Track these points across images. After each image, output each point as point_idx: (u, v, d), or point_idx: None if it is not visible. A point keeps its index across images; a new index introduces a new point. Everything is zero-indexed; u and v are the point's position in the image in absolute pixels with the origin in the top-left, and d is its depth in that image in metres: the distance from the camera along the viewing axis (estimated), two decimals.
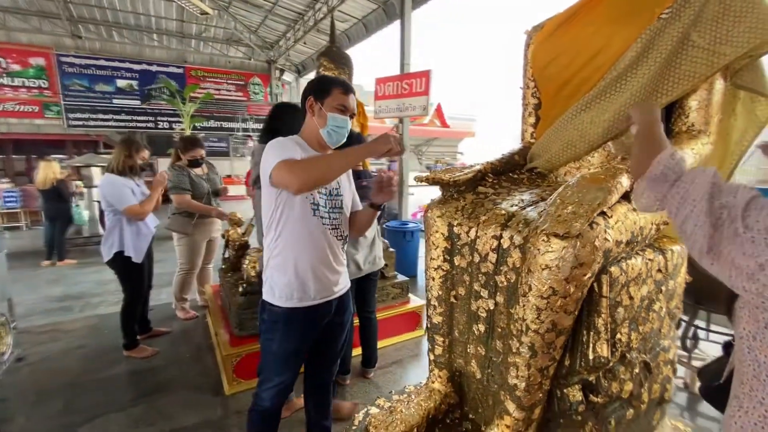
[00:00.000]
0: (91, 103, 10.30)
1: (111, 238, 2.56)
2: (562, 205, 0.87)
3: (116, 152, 2.59)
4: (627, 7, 1.14)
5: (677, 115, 1.14)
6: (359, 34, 8.47)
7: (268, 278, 1.38)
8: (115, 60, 10.40)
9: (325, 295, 1.42)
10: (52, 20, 9.47)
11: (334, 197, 1.40)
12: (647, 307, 1.08)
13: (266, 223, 1.34)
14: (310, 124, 1.39)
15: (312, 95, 1.38)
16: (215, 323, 2.86)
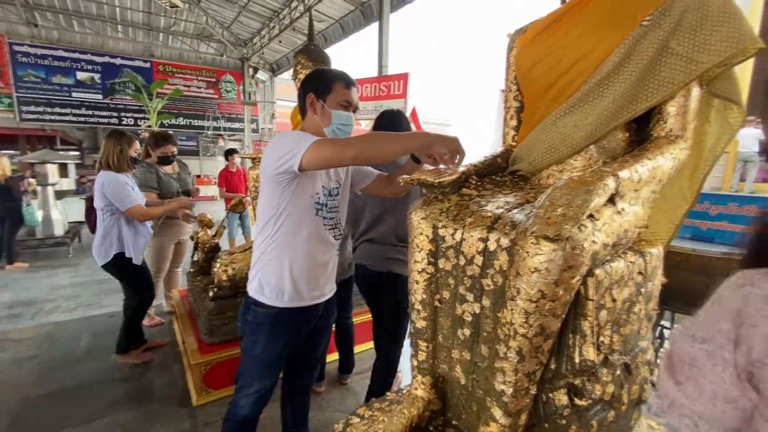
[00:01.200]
0: (47, 96, 9.68)
1: (108, 239, 2.41)
2: (551, 207, 0.86)
3: (108, 147, 2.42)
4: (610, 14, 1.16)
5: (656, 120, 1.16)
6: (336, 35, 8.43)
7: (257, 275, 1.33)
8: (75, 51, 9.83)
9: (317, 296, 1.38)
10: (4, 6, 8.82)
11: (334, 197, 1.37)
12: (628, 309, 1.09)
13: (265, 219, 1.28)
14: (312, 122, 1.34)
15: (313, 92, 1.32)
16: (183, 330, 2.72)
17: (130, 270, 2.54)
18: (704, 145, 1.22)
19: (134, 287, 2.60)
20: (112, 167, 2.40)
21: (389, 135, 1.13)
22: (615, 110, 1.14)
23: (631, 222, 1.01)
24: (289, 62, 11.09)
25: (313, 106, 1.32)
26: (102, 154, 2.41)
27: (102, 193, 2.37)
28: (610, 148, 1.19)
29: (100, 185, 2.37)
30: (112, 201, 2.37)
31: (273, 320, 1.33)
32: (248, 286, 1.38)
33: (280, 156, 1.17)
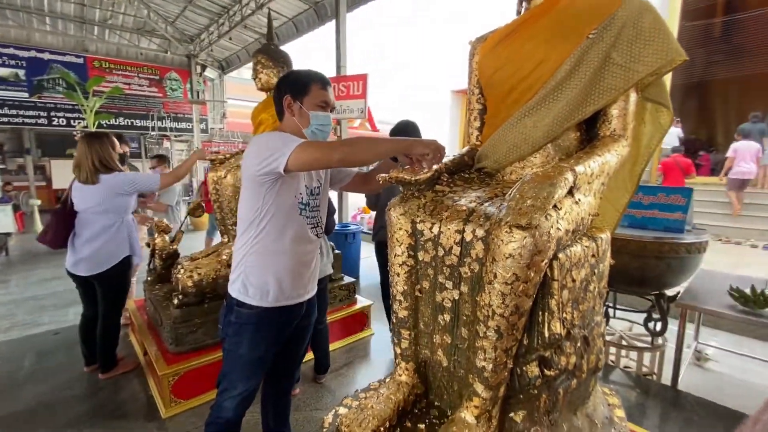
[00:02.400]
0: None
1: (115, 242, 2.32)
2: (521, 199, 0.97)
3: (99, 150, 2.30)
4: (560, 27, 1.30)
5: (602, 121, 1.32)
6: (290, 33, 8.30)
7: (240, 276, 1.33)
8: None
9: (300, 295, 1.40)
10: None
11: (316, 196, 1.40)
12: (585, 288, 1.23)
13: (248, 220, 1.29)
14: (291, 123, 1.36)
15: (289, 94, 1.34)
16: (143, 341, 2.60)
17: (128, 275, 2.45)
18: (641, 142, 1.40)
19: (119, 291, 2.47)
20: (111, 168, 2.31)
21: (372, 139, 1.19)
22: (568, 112, 1.29)
23: (586, 211, 1.15)
24: (240, 60, 10.72)
25: (291, 107, 1.34)
26: (88, 160, 2.25)
27: (117, 194, 2.30)
28: (565, 146, 1.34)
29: (112, 189, 2.29)
30: (142, 191, 2.41)
31: (257, 320, 1.33)
32: (230, 288, 1.37)
33: (264, 157, 1.18)
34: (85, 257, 2.27)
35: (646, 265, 2.31)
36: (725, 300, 2.17)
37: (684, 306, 2.23)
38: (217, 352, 2.32)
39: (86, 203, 2.27)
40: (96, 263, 2.29)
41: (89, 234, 2.28)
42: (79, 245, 2.28)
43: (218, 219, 2.94)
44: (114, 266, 2.32)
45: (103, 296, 2.37)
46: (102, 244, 2.29)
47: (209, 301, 2.49)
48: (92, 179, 2.24)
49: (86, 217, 2.28)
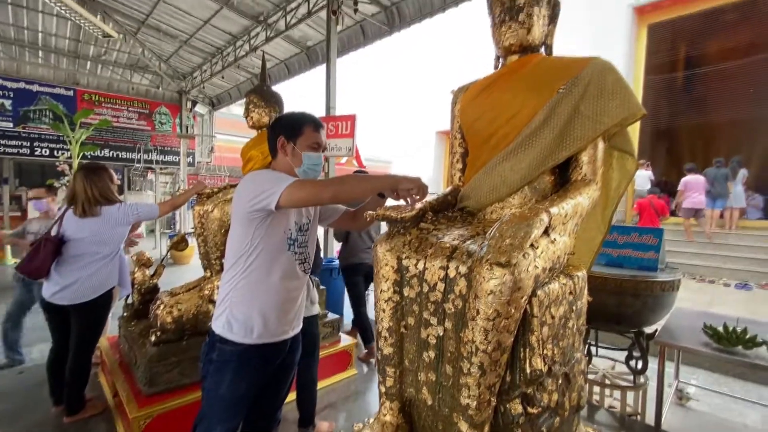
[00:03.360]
0: None
1: (104, 272, 2.29)
2: (501, 238, 1.03)
3: (98, 183, 2.30)
4: (533, 82, 1.44)
5: (574, 167, 1.43)
6: (281, 75, 8.62)
7: (224, 312, 1.33)
8: None
9: (285, 331, 1.39)
10: None
11: (305, 232, 1.42)
12: (564, 324, 1.27)
13: (236, 254, 1.31)
14: (284, 162, 1.42)
15: (283, 135, 1.40)
16: (114, 381, 2.47)
17: (108, 308, 2.40)
18: (610, 186, 1.51)
19: (100, 328, 2.38)
20: (110, 201, 2.32)
21: (361, 177, 1.25)
22: (542, 158, 1.39)
23: (562, 250, 1.22)
24: (230, 97, 10.99)
25: (284, 148, 1.41)
26: (87, 193, 2.24)
27: (117, 225, 2.32)
28: (541, 188, 1.43)
29: (114, 220, 2.30)
30: (142, 219, 2.40)
31: (240, 357, 1.31)
32: (213, 323, 1.36)
33: (256, 194, 1.23)
34: (70, 285, 2.21)
35: (624, 303, 2.38)
36: (700, 338, 2.23)
37: (662, 343, 2.28)
38: (193, 393, 2.22)
39: (83, 233, 2.24)
40: (80, 293, 2.22)
41: (81, 262, 2.23)
42: (67, 273, 2.22)
43: (201, 253, 2.91)
44: (97, 297, 2.26)
45: (78, 329, 2.28)
46: (92, 273, 2.24)
47: (188, 338, 2.42)
48: (91, 212, 2.23)
49: (79, 246, 2.24)
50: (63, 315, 2.30)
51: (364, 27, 6.63)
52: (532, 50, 1.53)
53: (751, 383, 3.33)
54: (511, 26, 1.47)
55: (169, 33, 8.45)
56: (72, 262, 2.25)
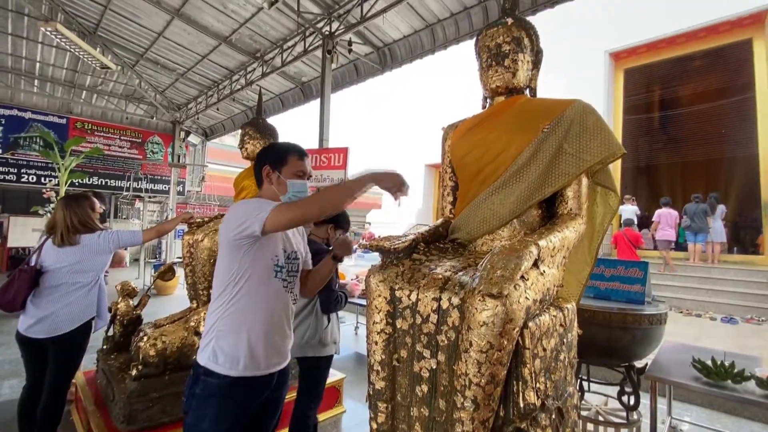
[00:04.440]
0: None
1: (83, 302, 2.23)
2: (492, 269, 1.05)
3: (78, 212, 2.28)
4: (519, 121, 1.52)
5: (559, 201, 1.49)
6: (275, 108, 8.83)
7: (210, 343, 1.30)
8: None
9: (273, 364, 1.36)
10: None
11: (292, 260, 1.43)
12: (555, 357, 1.28)
13: (223, 283, 1.30)
14: (269, 191, 1.45)
15: (269, 164, 1.43)
16: (89, 419, 2.34)
17: (86, 340, 2.30)
18: (595, 221, 1.56)
19: (77, 361, 2.29)
20: (91, 228, 2.29)
21: (339, 187, 1.25)
22: (529, 192, 1.45)
23: (551, 281, 1.25)
24: (224, 128, 11.14)
25: (270, 177, 1.43)
26: (66, 221, 2.21)
27: (98, 253, 2.27)
28: (529, 221, 1.48)
29: (94, 248, 2.25)
30: (124, 246, 2.36)
31: (224, 391, 1.27)
32: (199, 355, 1.32)
33: (240, 222, 1.24)
34: (47, 317, 2.12)
35: (613, 336, 2.39)
36: (690, 372, 2.24)
37: (652, 378, 2.28)
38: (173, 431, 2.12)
39: (61, 263, 2.18)
40: (57, 324, 2.13)
41: (58, 293, 2.16)
42: (43, 304, 2.14)
43: (189, 283, 2.86)
44: (76, 329, 2.16)
45: (54, 363, 2.17)
46: (69, 303, 2.16)
47: (171, 372, 2.33)
48: (69, 240, 2.19)
49: (58, 275, 2.18)
50: (39, 349, 2.20)
51: (358, 65, 6.91)
52: (518, 92, 1.63)
53: (743, 419, 3.30)
54: (498, 70, 1.57)
55: (166, 66, 8.67)
56: (49, 293, 2.17)
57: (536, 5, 4.56)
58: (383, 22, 5.53)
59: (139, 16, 6.97)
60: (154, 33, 7.37)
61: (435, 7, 5.28)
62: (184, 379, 2.30)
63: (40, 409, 2.18)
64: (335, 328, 2.26)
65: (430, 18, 5.51)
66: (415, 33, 5.84)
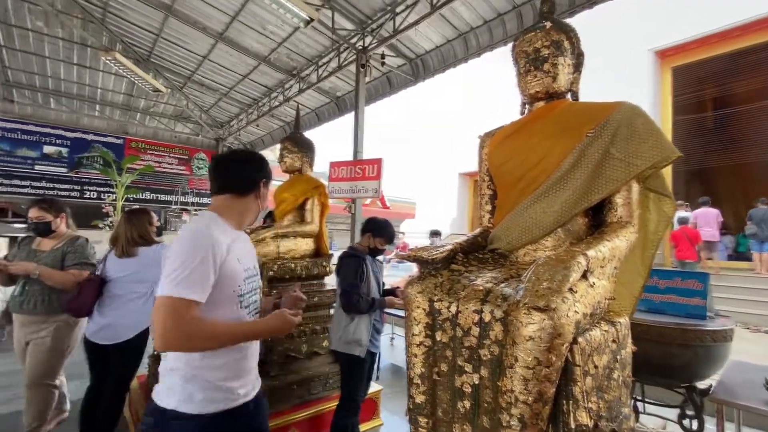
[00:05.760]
0: (7, 168, 9.39)
1: (142, 311, 2.37)
2: (537, 281, 1.01)
3: (138, 225, 2.45)
4: (561, 127, 1.47)
5: (608, 209, 1.41)
6: (311, 122, 9.09)
7: (179, 384, 1.15)
8: (46, 126, 9.86)
9: (247, 393, 1.27)
10: None
11: (251, 279, 1.33)
12: (608, 375, 1.20)
13: None
14: (251, 205, 1.35)
15: (265, 179, 1.37)
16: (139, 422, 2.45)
17: (144, 347, 2.45)
18: (647, 229, 1.46)
19: (135, 367, 2.45)
20: (147, 242, 2.45)
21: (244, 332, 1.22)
22: (575, 200, 1.38)
23: (601, 294, 1.18)
24: (264, 143, 11.63)
25: (260, 191, 1.35)
26: (127, 235, 2.39)
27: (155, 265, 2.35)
28: (574, 230, 1.41)
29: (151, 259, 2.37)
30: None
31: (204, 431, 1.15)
32: (162, 399, 1.15)
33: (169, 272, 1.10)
34: (109, 324, 2.29)
35: (670, 354, 2.21)
36: (762, 394, 2.02)
37: (718, 401, 2.08)
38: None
39: (122, 272, 2.37)
40: (119, 332, 2.30)
41: (119, 302, 2.34)
42: (106, 312, 2.32)
43: None
44: (134, 337, 2.33)
45: (114, 368, 2.33)
46: (129, 312, 2.33)
47: None
48: (129, 252, 2.37)
49: (119, 285, 2.36)
50: (101, 354, 2.37)
51: (390, 77, 7.01)
52: (558, 97, 1.58)
53: None
54: (537, 75, 1.53)
55: (211, 87, 9.22)
56: (111, 302, 2.35)
57: (574, 6, 4.43)
58: (415, 34, 5.58)
59: (187, 42, 7.48)
60: (200, 56, 7.87)
61: (467, 15, 5.27)
62: None
63: (101, 410, 2.33)
64: (361, 329, 2.37)
65: (463, 27, 5.50)
66: (448, 42, 5.85)
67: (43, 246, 2.51)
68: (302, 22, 4.94)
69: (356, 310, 2.36)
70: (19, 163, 9.46)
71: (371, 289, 2.45)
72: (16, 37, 7.57)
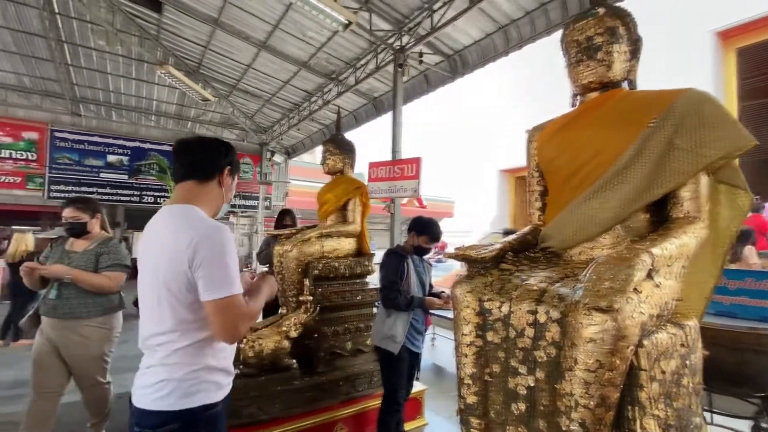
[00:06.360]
0: (77, 176, 10.34)
1: None
2: (598, 281, 0.96)
3: None
4: (618, 117, 1.39)
5: (672, 204, 1.31)
6: (349, 124, 9.23)
7: (207, 376, 1.17)
8: (108, 137, 10.75)
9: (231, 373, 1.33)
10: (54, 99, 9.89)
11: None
12: (677, 381, 1.12)
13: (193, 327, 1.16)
14: (216, 196, 1.31)
15: (230, 166, 1.34)
16: None
17: None
18: (719, 224, 1.34)
19: None
20: None
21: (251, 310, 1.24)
22: (635, 195, 1.30)
23: (668, 294, 1.10)
24: (304, 146, 11.98)
25: (226, 179, 1.33)
26: None
27: None
28: (635, 227, 1.33)
29: None
30: None
31: (221, 412, 1.21)
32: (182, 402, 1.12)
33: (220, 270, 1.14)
34: None
35: (744, 361, 2.02)
36: None
37: None
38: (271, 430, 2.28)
39: None
40: None
41: None
42: None
43: (279, 290, 3.08)
44: None
45: None
46: None
47: (266, 373, 2.51)
48: None
49: None
50: None
51: (428, 75, 6.96)
52: (614, 86, 1.49)
53: None
54: (590, 65, 1.45)
55: (254, 94, 9.62)
56: None
57: None
58: (453, 30, 5.51)
59: (233, 52, 7.86)
60: (245, 65, 8.24)
61: (507, 7, 5.12)
62: (278, 380, 2.49)
63: None
64: (397, 325, 2.40)
65: (503, 19, 5.35)
66: (487, 36, 5.71)
67: (75, 247, 2.39)
68: (341, 26, 5.03)
69: (393, 305, 2.40)
70: (86, 171, 10.40)
71: (411, 287, 2.45)
72: (81, 56, 8.31)
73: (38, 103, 9.79)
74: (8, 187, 9.57)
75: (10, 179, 9.55)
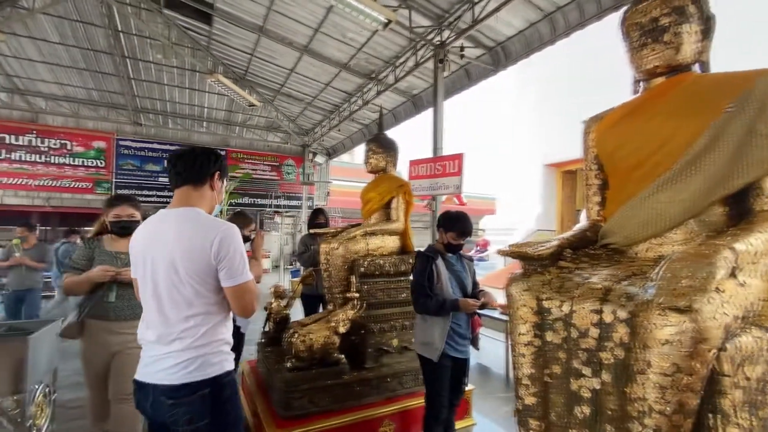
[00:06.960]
0: (138, 181, 11.19)
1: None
2: (674, 279, 0.90)
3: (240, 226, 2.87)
4: (689, 104, 1.28)
5: (756, 195, 1.20)
6: (389, 123, 9.27)
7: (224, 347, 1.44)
8: (165, 143, 11.54)
9: None
10: (118, 110, 10.79)
11: None
12: (762, 389, 1.02)
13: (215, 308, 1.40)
14: (210, 198, 1.50)
15: (219, 171, 1.51)
16: (255, 402, 2.74)
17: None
18: None
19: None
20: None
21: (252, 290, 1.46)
22: (710, 187, 1.20)
23: (754, 294, 1.01)
24: (344, 147, 12.20)
25: (216, 183, 1.50)
26: None
27: None
28: (711, 222, 1.23)
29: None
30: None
31: (234, 380, 1.47)
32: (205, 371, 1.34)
33: (237, 261, 1.38)
34: None
35: None
36: None
37: None
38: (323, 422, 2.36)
39: None
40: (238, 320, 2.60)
41: None
42: None
43: (326, 287, 3.16)
44: None
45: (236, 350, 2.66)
46: None
47: (316, 367, 2.59)
48: None
49: None
50: None
51: (469, 69, 6.82)
52: (683, 69, 1.38)
53: None
54: (655, 48, 1.36)
55: (297, 97, 9.93)
56: None
57: None
58: (496, 21, 5.35)
59: (276, 58, 8.15)
60: (287, 70, 8.52)
61: None
62: (328, 374, 2.56)
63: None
64: (433, 331, 2.27)
65: (548, 7, 5.12)
66: (532, 26, 5.49)
67: (118, 247, 2.24)
68: (381, 25, 5.06)
69: (423, 310, 2.27)
70: (146, 176, 11.25)
71: (446, 289, 2.27)
72: (141, 70, 9.00)
73: (105, 114, 10.74)
74: (81, 192, 10.58)
75: (82, 185, 10.56)
